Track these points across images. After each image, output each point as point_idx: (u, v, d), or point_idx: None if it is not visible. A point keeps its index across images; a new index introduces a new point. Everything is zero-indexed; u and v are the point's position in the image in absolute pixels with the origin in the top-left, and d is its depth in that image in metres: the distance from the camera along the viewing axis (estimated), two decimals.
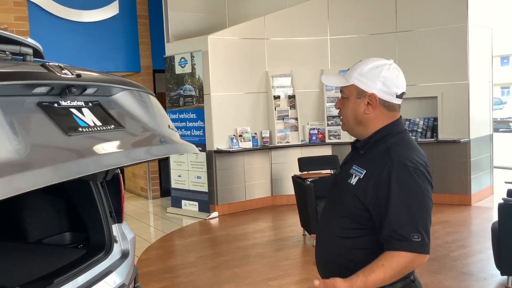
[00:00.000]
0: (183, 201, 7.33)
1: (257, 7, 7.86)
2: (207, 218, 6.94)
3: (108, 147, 1.61)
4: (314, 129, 7.63)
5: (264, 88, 7.50)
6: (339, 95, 1.89)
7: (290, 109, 7.53)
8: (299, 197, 5.68)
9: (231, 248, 5.53)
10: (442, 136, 7.05)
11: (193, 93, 7.08)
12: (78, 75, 1.66)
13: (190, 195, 7.22)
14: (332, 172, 5.93)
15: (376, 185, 1.65)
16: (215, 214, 7.02)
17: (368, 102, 1.72)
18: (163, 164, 8.50)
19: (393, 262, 1.60)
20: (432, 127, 7.22)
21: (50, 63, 1.61)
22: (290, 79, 7.56)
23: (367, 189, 1.66)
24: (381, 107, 1.72)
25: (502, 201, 4.05)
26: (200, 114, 7.01)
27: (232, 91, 7.20)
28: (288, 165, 7.45)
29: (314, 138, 7.63)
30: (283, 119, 7.48)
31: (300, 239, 5.75)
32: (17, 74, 1.47)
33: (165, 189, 8.47)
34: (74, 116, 1.59)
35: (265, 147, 7.40)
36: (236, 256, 5.20)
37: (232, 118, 7.17)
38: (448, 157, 7.03)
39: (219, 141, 7.05)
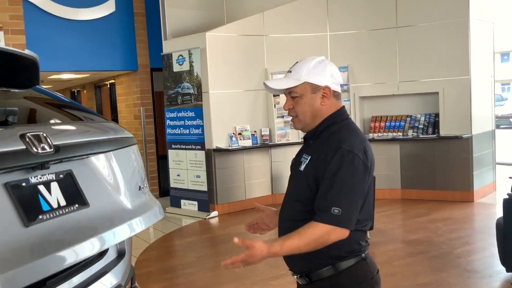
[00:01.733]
0: (182, 201, 7.24)
1: (255, 3, 7.77)
2: (207, 217, 6.85)
3: (68, 238, 1.56)
4: None
5: (263, 85, 7.40)
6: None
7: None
8: None
9: (231, 248, 5.44)
10: (443, 132, 6.96)
11: (192, 91, 6.99)
12: (57, 149, 1.63)
13: (190, 194, 7.14)
14: None
15: (316, 167, 1.80)
16: (214, 213, 6.94)
17: (323, 95, 1.86)
18: (162, 163, 8.41)
19: (309, 231, 1.71)
20: (434, 123, 7.13)
21: (30, 133, 1.56)
22: None
23: (311, 173, 1.82)
24: (332, 97, 1.87)
25: (507, 197, 3.97)
26: (199, 112, 6.92)
27: (231, 88, 7.11)
28: (288, 163, 7.29)
29: None
30: (283, 116, 7.39)
31: None
32: None
33: (164, 189, 8.38)
34: (40, 196, 1.55)
35: (264, 145, 7.31)
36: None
37: (231, 116, 7.09)
38: (450, 154, 6.94)
39: (218, 139, 6.96)
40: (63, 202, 1.62)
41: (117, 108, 9.43)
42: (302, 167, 1.86)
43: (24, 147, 1.52)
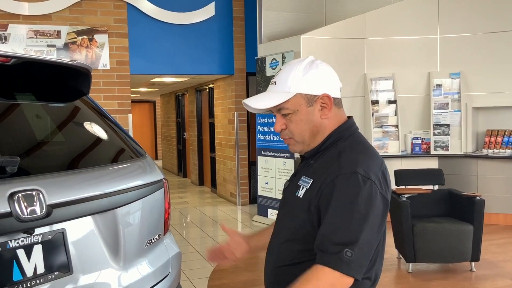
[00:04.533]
0: (269, 210, 6.94)
1: (357, 4, 7.26)
2: None
3: None
4: (417, 138, 6.83)
5: (361, 92, 6.87)
6: (447, 100, 1.43)
7: (390, 115, 6.81)
8: (394, 214, 5.00)
9: None
10: None
11: None
12: (49, 213, 1.47)
13: (277, 204, 6.80)
14: (435, 189, 5.15)
15: (319, 194, 1.38)
16: None
17: (321, 106, 1.45)
18: (253, 170, 8.20)
19: (313, 281, 1.30)
20: None
21: (22, 192, 1.42)
22: (392, 82, 6.84)
23: (313, 201, 1.39)
24: (334, 107, 1.47)
25: None
26: None
27: None
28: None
29: (417, 148, 6.82)
30: (381, 126, 6.78)
31: (394, 263, 5.05)
32: None
33: (255, 196, 8.15)
34: (14, 263, 1.41)
35: None
36: None
37: None
38: None
39: None
40: (41, 270, 1.46)
41: (214, 112, 9.44)
42: (301, 193, 1.44)
43: (8, 210, 1.37)
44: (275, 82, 1.48)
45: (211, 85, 9.60)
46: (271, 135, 6.86)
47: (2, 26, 6.92)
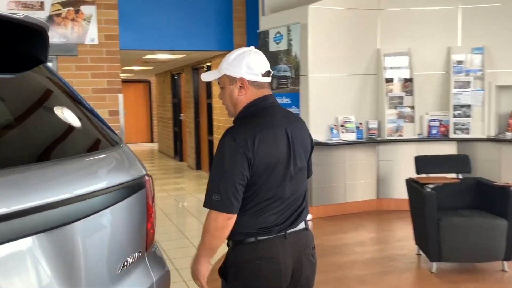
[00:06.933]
0: None
1: None
2: None
3: None
4: (435, 120, 6.23)
5: (373, 69, 6.24)
6: (468, 78, 2.12)
7: (406, 95, 6.20)
8: (415, 206, 4.44)
9: (324, 265, 4.45)
10: None
11: (288, 74, 6.04)
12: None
13: None
14: (461, 178, 4.57)
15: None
16: (308, 216, 5.96)
17: (240, 86, 1.92)
18: None
19: (205, 221, 1.87)
20: None
21: None
22: (408, 58, 6.22)
23: None
24: (251, 87, 1.92)
25: None
26: (295, 99, 5.95)
27: (335, 72, 6.05)
28: (399, 163, 6.15)
29: (434, 131, 6.23)
30: (395, 107, 6.18)
31: (414, 260, 4.51)
32: None
33: None
34: None
35: (371, 140, 6.16)
36: (329, 278, 4.11)
37: (333, 105, 6.04)
38: None
39: (316, 131, 5.95)
40: None
41: (212, 92, 8.81)
42: None
43: None
44: (221, 63, 1.96)
45: (208, 63, 8.96)
46: None
47: None
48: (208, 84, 9.11)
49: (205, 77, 2.05)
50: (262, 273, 1.84)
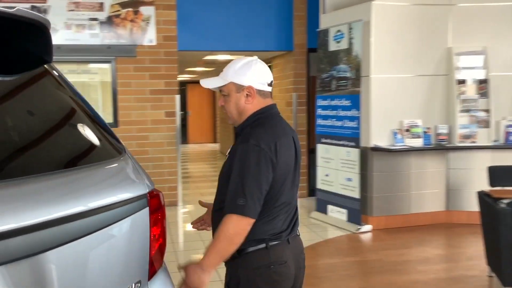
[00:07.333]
0: (329, 206, 6.02)
1: None
2: (357, 231, 5.53)
3: None
4: None
5: (444, 69, 5.72)
6: None
7: (480, 97, 5.63)
8: (487, 223, 3.95)
9: (381, 284, 4.06)
10: None
11: (348, 75, 5.67)
12: None
13: (338, 200, 5.87)
14: None
15: (230, 160, 1.89)
16: (367, 227, 5.57)
17: (247, 94, 1.94)
18: (313, 158, 7.28)
19: (223, 227, 1.78)
20: None
21: None
22: (483, 58, 5.64)
23: (227, 166, 1.91)
24: (258, 96, 1.95)
25: None
26: (356, 101, 5.57)
27: (400, 72, 5.60)
28: (472, 173, 5.60)
29: None
30: (468, 111, 5.63)
31: (485, 283, 4.02)
32: None
33: (314, 187, 7.24)
34: None
35: (441, 146, 5.65)
36: None
37: (397, 107, 5.59)
38: None
39: (378, 136, 5.54)
40: None
41: (271, 93, 8.55)
42: (226, 160, 1.95)
43: None
44: (222, 70, 1.99)
45: (269, 64, 8.72)
46: (333, 119, 5.90)
47: None
48: None
49: (207, 83, 2.02)
50: (276, 278, 1.85)
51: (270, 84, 1.99)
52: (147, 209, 1.38)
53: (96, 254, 1.19)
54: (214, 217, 1.97)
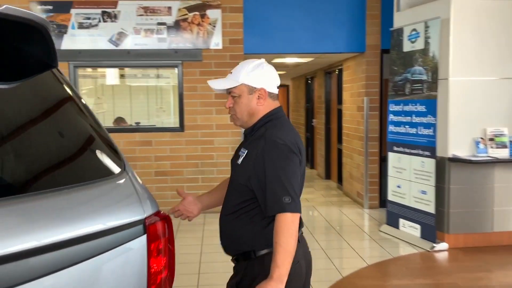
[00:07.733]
0: (401, 220, 5.56)
1: None
2: (431, 249, 5.04)
3: None
4: None
5: None
6: None
7: None
8: None
9: None
10: None
11: (424, 78, 5.20)
12: None
13: (411, 214, 5.41)
14: None
15: (254, 162, 1.91)
16: (443, 245, 5.07)
17: (259, 96, 1.99)
18: (385, 167, 6.81)
19: (282, 228, 1.79)
20: None
21: None
22: None
23: (249, 166, 1.93)
24: (268, 98, 2.01)
25: None
26: (432, 106, 5.09)
27: (482, 74, 5.05)
28: None
29: None
30: None
31: None
32: None
33: (385, 198, 6.77)
34: None
35: None
36: None
37: (479, 114, 5.04)
38: None
39: (456, 145, 5.03)
40: None
41: (342, 98, 8.19)
42: (240, 161, 1.98)
43: None
44: (231, 72, 2.04)
45: (340, 67, 8.36)
46: (407, 126, 5.44)
47: (112, 3, 6.51)
48: (339, 89, 8.51)
49: (216, 84, 2.01)
50: (290, 278, 1.82)
51: (278, 87, 2.05)
52: (144, 237, 1.17)
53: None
54: (226, 221, 1.99)
